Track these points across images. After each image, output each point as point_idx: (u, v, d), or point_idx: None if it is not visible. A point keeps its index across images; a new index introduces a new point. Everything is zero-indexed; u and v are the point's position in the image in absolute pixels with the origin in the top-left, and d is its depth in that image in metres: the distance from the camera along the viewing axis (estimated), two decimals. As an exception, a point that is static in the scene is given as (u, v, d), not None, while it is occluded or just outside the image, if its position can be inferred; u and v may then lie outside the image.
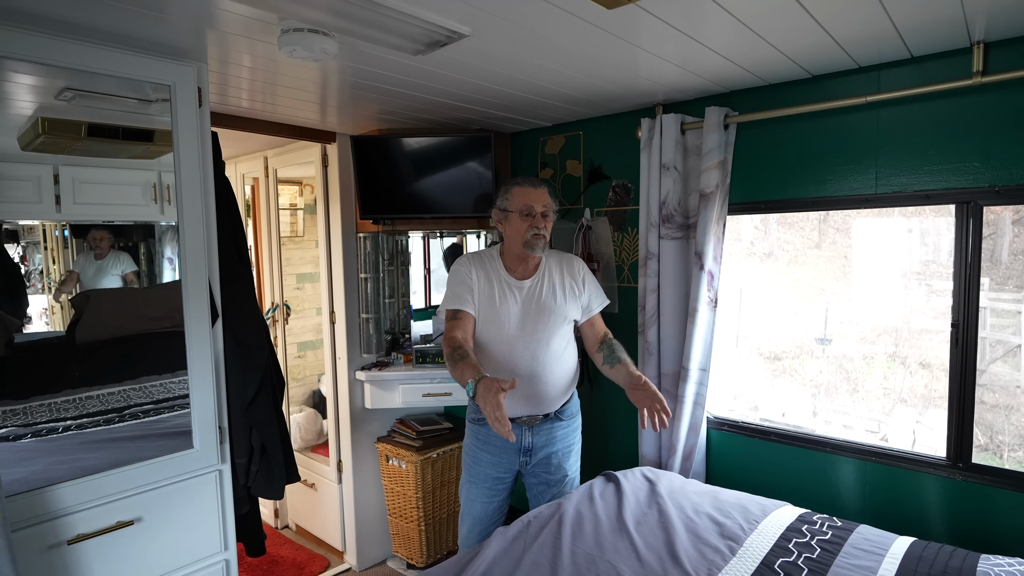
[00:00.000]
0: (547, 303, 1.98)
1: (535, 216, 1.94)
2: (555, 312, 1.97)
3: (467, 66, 1.82)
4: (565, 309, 1.99)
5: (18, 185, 1.56)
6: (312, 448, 3.36)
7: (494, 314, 1.97)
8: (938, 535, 1.84)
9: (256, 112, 2.40)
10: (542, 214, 1.95)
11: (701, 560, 1.53)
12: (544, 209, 1.96)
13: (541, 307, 1.97)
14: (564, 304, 1.99)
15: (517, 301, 1.97)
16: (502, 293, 1.98)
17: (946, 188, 1.79)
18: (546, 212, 1.97)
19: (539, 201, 1.96)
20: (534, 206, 1.94)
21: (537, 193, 1.97)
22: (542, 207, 1.96)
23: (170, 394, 1.76)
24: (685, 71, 1.92)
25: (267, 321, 3.28)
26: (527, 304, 1.97)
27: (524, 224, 1.94)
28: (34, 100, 1.58)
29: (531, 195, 1.96)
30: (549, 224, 1.98)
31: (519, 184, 2.00)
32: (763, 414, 2.68)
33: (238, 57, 1.74)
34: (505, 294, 1.98)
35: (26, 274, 1.66)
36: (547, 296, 1.99)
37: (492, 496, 2.05)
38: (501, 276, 2.00)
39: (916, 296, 2.39)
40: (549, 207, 1.98)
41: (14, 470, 1.50)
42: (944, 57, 1.75)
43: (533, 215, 1.94)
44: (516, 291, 1.98)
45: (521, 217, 1.95)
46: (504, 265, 2.02)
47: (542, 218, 1.95)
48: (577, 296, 2.03)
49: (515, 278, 2.00)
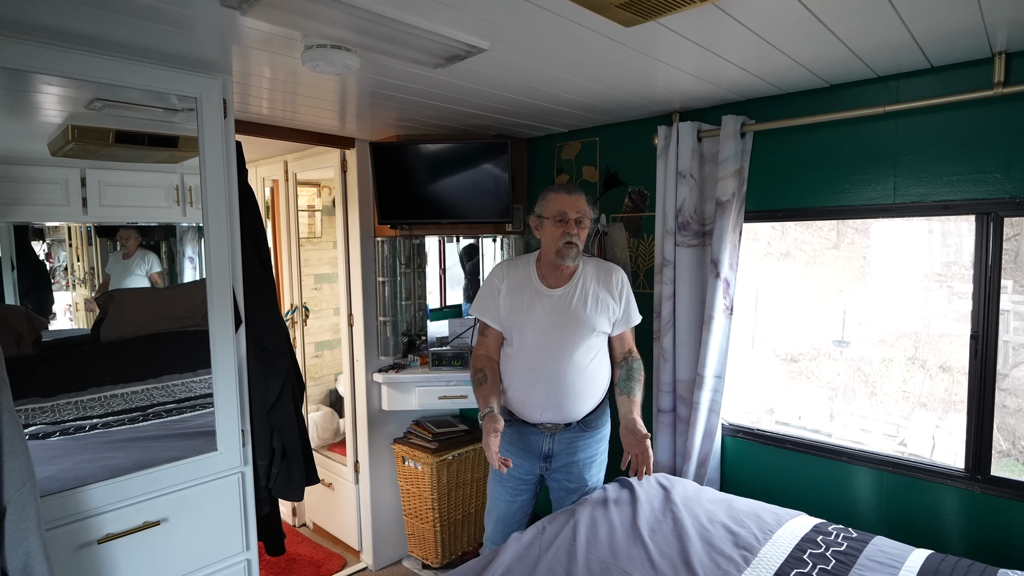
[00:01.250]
0: (575, 313, 1.95)
1: (568, 223, 1.91)
2: (583, 323, 1.94)
3: (485, 77, 1.84)
4: (594, 321, 1.95)
5: (47, 188, 1.63)
6: (329, 447, 3.41)
7: (520, 321, 1.97)
8: (955, 548, 1.83)
9: (276, 119, 2.44)
10: (576, 220, 1.92)
11: (715, 569, 1.54)
12: (579, 216, 1.93)
13: (569, 317, 1.94)
14: (594, 315, 1.95)
15: (545, 310, 1.96)
16: (530, 301, 1.97)
17: (966, 199, 1.78)
18: (581, 219, 1.93)
19: (573, 207, 1.93)
20: (567, 212, 1.92)
21: (572, 199, 1.94)
22: (576, 213, 1.93)
23: (192, 393, 1.80)
24: (702, 80, 1.92)
25: (286, 324, 3.34)
26: (554, 313, 1.95)
27: (558, 231, 1.92)
28: (65, 109, 1.64)
29: (565, 201, 1.94)
30: (584, 232, 1.95)
31: (555, 190, 1.99)
32: (779, 416, 2.67)
33: (260, 69, 1.78)
34: (532, 302, 1.97)
35: (51, 271, 1.71)
36: (577, 306, 1.96)
37: (515, 496, 2.07)
38: (532, 284, 2.00)
39: (937, 298, 2.36)
40: (584, 214, 1.95)
41: (45, 467, 1.55)
42: (965, 67, 1.73)
43: (567, 221, 1.92)
44: (545, 299, 1.97)
45: (554, 223, 1.93)
46: (538, 272, 2.01)
47: (575, 225, 1.92)
48: (610, 309, 1.98)
49: (547, 286, 1.99)
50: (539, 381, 1.95)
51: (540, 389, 1.96)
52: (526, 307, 1.97)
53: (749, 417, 2.56)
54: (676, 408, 2.33)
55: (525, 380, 1.98)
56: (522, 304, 1.98)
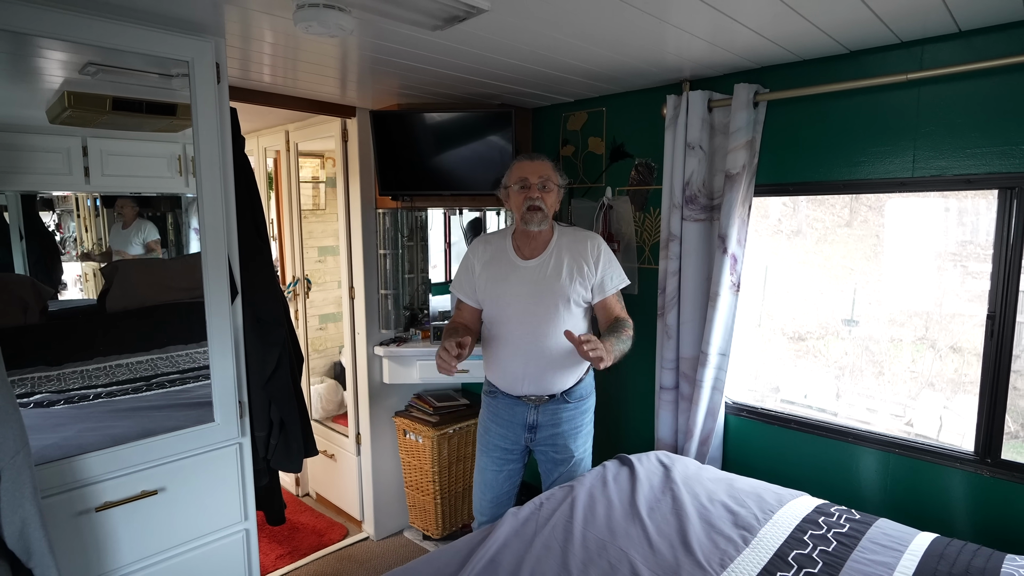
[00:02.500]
0: (551, 283, 1.93)
1: (531, 187, 1.91)
2: (558, 293, 1.92)
3: (487, 41, 1.77)
4: (569, 290, 1.92)
5: (49, 157, 1.60)
6: (333, 418, 3.43)
7: (497, 294, 1.97)
8: (962, 532, 1.80)
9: (277, 87, 2.38)
10: (539, 185, 1.91)
11: (713, 550, 1.52)
12: (541, 180, 1.92)
13: (545, 287, 1.93)
14: (568, 284, 1.92)
15: (520, 281, 1.95)
16: (505, 274, 1.97)
17: (989, 172, 1.70)
18: (544, 184, 1.92)
19: (535, 172, 1.92)
20: (528, 177, 1.92)
21: (534, 165, 1.94)
22: (538, 177, 1.92)
23: (195, 364, 1.79)
24: (714, 47, 1.83)
25: (287, 296, 3.33)
26: (530, 284, 1.94)
27: (521, 196, 1.92)
28: (59, 75, 1.60)
29: (527, 167, 1.94)
30: (549, 196, 1.93)
31: (518, 159, 2.00)
32: (785, 395, 2.64)
33: (259, 32, 1.72)
34: (508, 275, 1.96)
35: (61, 241, 1.71)
36: (551, 276, 1.94)
37: (501, 466, 2.08)
38: (508, 256, 1.99)
39: (950, 278, 2.30)
40: (548, 179, 1.93)
41: (47, 435, 1.56)
42: (995, 31, 1.64)
43: (528, 186, 1.91)
44: (520, 271, 1.96)
45: (518, 190, 1.93)
46: (513, 244, 2.00)
47: (539, 189, 1.91)
48: (586, 276, 1.95)
49: (521, 258, 1.98)
50: (518, 353, 1.95)
51: (519, 361, 1.95)
52: (501, 279, 1.97)
53: (754, 395, 2.53)
54: (679, 385, 2.30)
55: (505, 353, 1.98)
56: (497, 277, 1.97)
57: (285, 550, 2.85)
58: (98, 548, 1.60)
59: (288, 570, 2.71)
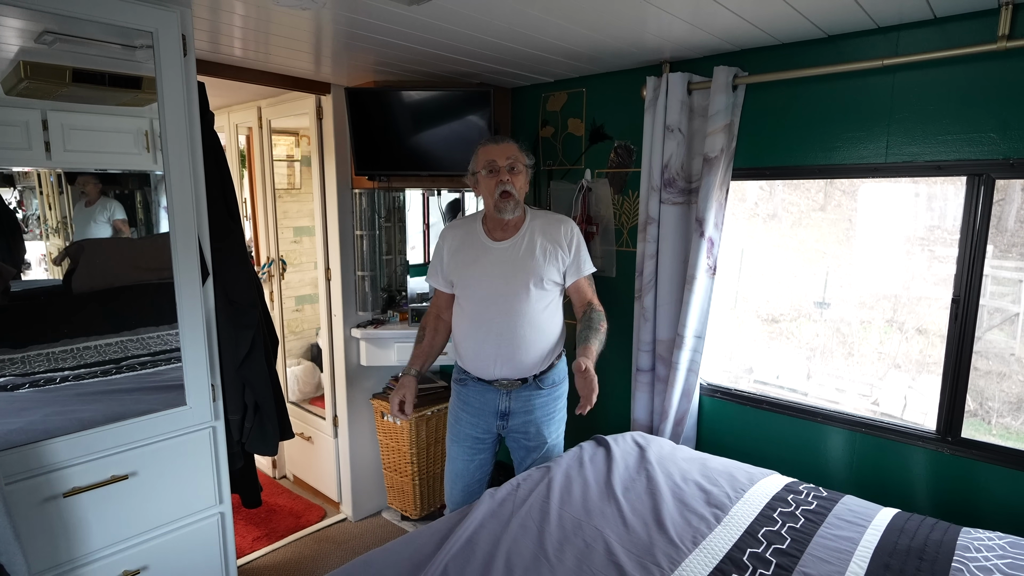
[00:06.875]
0: (523, 262, 1.90)
1: (499, 170, 1.86)
2: (531, 272, 1.89)
3: (464, 17, 1.73)
4: (542, 270, 1.90)
5: (5, 130, 1.52)
6: (310, 400, 3.40)
7: (467, 276, 1.95)
8: (922, 507, 1.87)
9: (249, 61, 2.30)
10: (508, 168, 1.87)
11: (686, 527, 1.55)
12: (510, 162, 1.87)
13: (516, 267, 1.90)
14: (541, 265, 1.90)
15: (491, 262, 1.92)
16: (475, 256, 1.94)
17: (959, 159, 1.73)
18: (513, 165, 1.88)
19: (502, 154, 1.88)
20: (496, 160, 1.87)
21: (501, 147, 1.89)
22: (506, 160, 1.87)
23: (167, 346, 1.75)
24: (695, 28, 1.82)
25: (261, 278, 3.26)
26: (501, 265, 1.91)
27: (491, 181, 1.87)
28: (14, 43, 1.52)
29: (493, 150, 1.89)
30: (519, 179, 1.89)
31: (483, 143, 1.94)
32: (758, 376, 2.69)
33: (228, 3, 1.65)
34: (478, 256, 1.94)
35: (23, 219, 1.63)
36: (524, 255, 1.91)
37: (472, 455, 2.07)
38: (479, 239, 1.96)
39: (918, 262, 2.36)
40: (516, 159, 1.89)
41: (12, 420, 1.51)
42: (969, 19, 1.65)
43: (497, 169, 1.86)
44: (492, 252, 1.93)
45: (487, 175, 1.88)
46: (484, 228, 1.97)
47: (508, 172, 1.87)
48: (559, 258, 1.93)
49: (492, 239, 1.95)
50: (490, 334, 1.92)
51: (491, 342, 1.93)
52: (472, 262, 1.94)
53: (728, 376, 2.58)
54: (655, 367, 2.33)
55: (476, 335, 1.95)
56: (468, 259, 1.95)
57: (262, 532, 2.84)
58: (67, 534, 1.57)
59: (265, 552, 2.70)
